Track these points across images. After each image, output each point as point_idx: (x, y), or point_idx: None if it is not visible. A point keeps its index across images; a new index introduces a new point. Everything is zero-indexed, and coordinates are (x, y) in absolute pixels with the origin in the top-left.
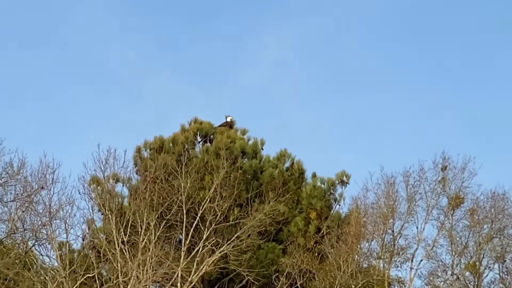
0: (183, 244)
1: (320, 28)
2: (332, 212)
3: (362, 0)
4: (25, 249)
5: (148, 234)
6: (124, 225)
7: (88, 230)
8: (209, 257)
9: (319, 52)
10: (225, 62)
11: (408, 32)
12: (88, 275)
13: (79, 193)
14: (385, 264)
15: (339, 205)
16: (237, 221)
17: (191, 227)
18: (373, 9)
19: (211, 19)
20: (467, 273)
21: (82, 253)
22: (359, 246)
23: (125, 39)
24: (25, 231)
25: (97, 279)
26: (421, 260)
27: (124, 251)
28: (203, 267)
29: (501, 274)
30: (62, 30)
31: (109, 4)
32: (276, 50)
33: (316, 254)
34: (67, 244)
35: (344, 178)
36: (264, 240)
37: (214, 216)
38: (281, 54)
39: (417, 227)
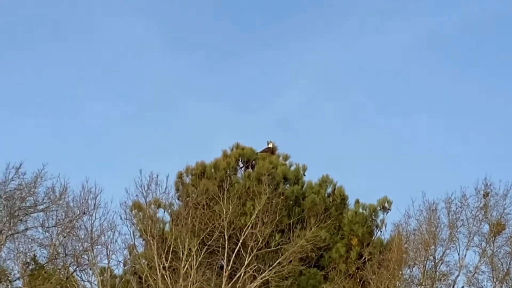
0: (224, 270)
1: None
2: (373, 238)
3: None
4: (66, 274)
5: (190, 260)
6: (165, 250)
7: (130, 255)
8: (250, 283)
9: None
10: (267, 82)
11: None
12: None
13: (121, 218)
14: None
15: (381, 231)
16: (279, 247)
17: (233, 253)
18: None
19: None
20: None
21: (123, 279)
22: (400, 273)
23: (165, 59)
24: (67, 257)
25: None
26: (463, 287)
27: (165, 277)
28: None
29: None
30: (99, 48)
31: (147, 22)
32: (316, 72)
33: (358, 280)
34: (109, 269)
35: (386, 204)
36: (305, 266)
37: (255, 242)
38: (321, 76)
39: (458, 254)
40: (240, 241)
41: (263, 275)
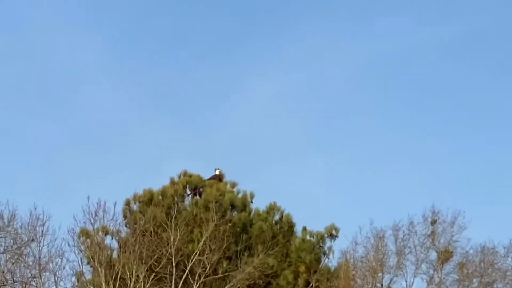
0: None
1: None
2: (321, 265)
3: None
4: None
5: (138, 287)
6: (113, 277)
7: (78, 282)
8: None
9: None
10: (214, 107)
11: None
12: None
13: (69, 245)
14: None
15: (328, 258)
16: (226, 274)
17: (180, 279)
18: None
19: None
20: None
21: None
22: None
23: (109, 85)
24: (15, 283)
25: None
26: None
27: None
28: None
29: None
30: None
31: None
32: (264, 98)
33: None
34: None
35: (333, 232)
36: None
37: (203, 269)
38: (269, 102)
39: (406, 281)
40: (188, 268)
41: None
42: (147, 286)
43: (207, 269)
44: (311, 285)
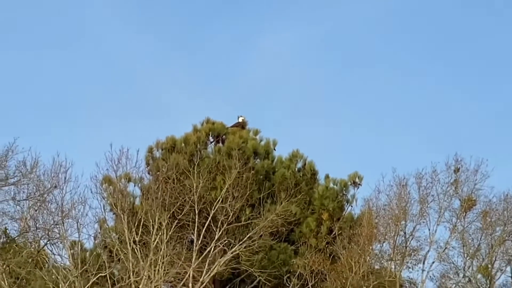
0: (194, 244)
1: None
2: (344, 213)
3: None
4: (37, 248)
5: (160, 234)
6: (136, 224)
7: (100, 229)
8: (220, 258)
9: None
10: (234, 60)
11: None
12: (100, 274)
13: (91, 192)
14: (397, 266)
15: (351, 206)
16: (249, 221)
17: (203, 227)
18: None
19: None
20: (479, 276)
21: (94, 253)
22: (371, 248)
23: (130, 40)
24: (37, 230)
25: (108, 278)
26: (433, 262)
27: (135, 250)
28: (215, 267)
29: None
30: (72, 29)
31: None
32: (282, 49)
33: (328, 255)
34: (79, 243)
35: (357, 180)
36: (276, 240)
37: (226, 217)
38: (287, 53)
39: (429, 229)
40: (211, 215)
41: (233, 249)
42: (170, 233)
43: (230, 216)
44: (334, 232)
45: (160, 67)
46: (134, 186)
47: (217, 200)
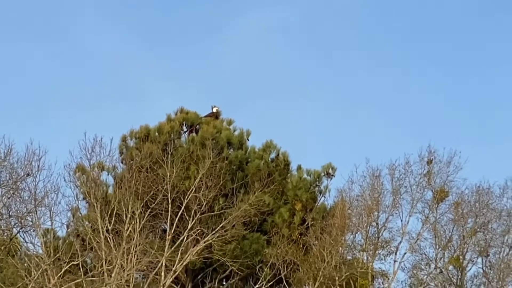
0: (167, 234)
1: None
2: (317, 204)
3: None
4: (10, 236)
5: (133, 223)
6: (109, 213)
7: (73, 218)
8: (193, 247)
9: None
10: (208, 47)
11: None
12: (72, 262)
13: (65, 180)
14: (369, 257)
15: (324, 197)
16: (222, 211)
17: (176, 216)
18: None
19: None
20: (451, 267)
21: (66, 241)
22: (343, 238)
23: (104, 29)
24: (10, 218)
25: (81, 267)
26: (405, 253)
27: (108, 239)
28: (187, 256)
29: (484, 268)
30: (47, 19)
31: None
32: (256, 34)
33: (301, 246)
34: (52, 231)
35: (330, 170)
36: (248, 230)
37: (199, 206)
38: (260, 39)
39: (401, 220)
40: (184, 204)
41: (206, 239)
42: (143, 222)
43: (203, 206)
44: (307, 223)
45: (133, 55)
46: (108, 175)
47: (190, 190)
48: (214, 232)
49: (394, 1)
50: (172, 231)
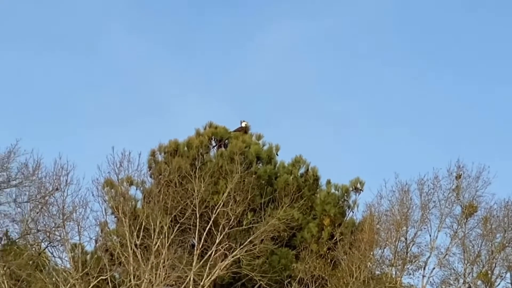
0: (196, 248)
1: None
2: (345, 218)
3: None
4: (38, 250)
5: (161, 237)
6: (137, 228)
7: (101, 232)
8: (221, 262)
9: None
10: (235, 59)
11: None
12: (101, 277)
13: (93, 195)
14: (398, 272)
15: (353, 212)
16: (251, 225)
17: (204, 231)
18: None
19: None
20: (479, 282)
21: (95, 256)
22: (372, 253)
23: (130, 41)
24: (39, 232)
25: (109, 281)
26: (434, 268)
27: (137, 254)
28: (216, 271)
29: None
30: (73, 31)
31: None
32: (285, 46)
33: (329, 261)
34: (80, 246)
35: (358, 185)
36: (277, 245)
37: (227, 221)
38: (290, 51)
39: (430, 235)
40: (212, 219)
41: (234, 253)
42: (171, 236)
43: (231, 220)
44: (335, 238)
45: (161, 67)
46: (136, 189)
47: (218, 204)
48: (242, 246)
49: (425, 14)
50: (201, 246)
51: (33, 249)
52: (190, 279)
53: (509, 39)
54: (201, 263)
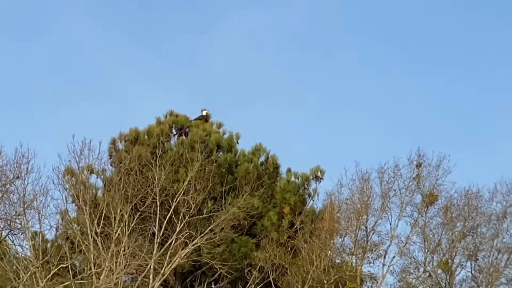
0: (156, 236)
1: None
2: (306, 207)
3: None
4: None
5: (122, 225)
6: (98, 216)
7: (62, 220)
8: (182, 250)
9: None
10: (196, 47)
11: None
12: (61, 265)
13: (53, 183)
14: (358, 260)
15: (313, 200)
16: (211, 214)
17: (165, 219)
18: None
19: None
20: (440, 271)
21: (55, 244)
22: (332, 242)
23: (91, 30)
24: None
25: (70, 269)
26: (394, 257)
27: (97, 242)
28: (176, 259)
29: (473, 272)
30: (32, 19)
31: None
32: (246, 36)
33: (289, 249)
34: (41, 234)
35: (319, 174)
36: (237, 234)
37: (187, 209)
38: (250, 40)
39: (390, 224)
40: (172, 207)
41: (195, 242)
42: (132, 225)
43: (192, 209)
44: (295, 226)
45: (120, 55)
46: (97, 177)
47: (179, 193)
48: (202, 235)
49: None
50: (161, 234)
51: None
52: (150, 267)
53: (473, 29)
54: (161, 251)
